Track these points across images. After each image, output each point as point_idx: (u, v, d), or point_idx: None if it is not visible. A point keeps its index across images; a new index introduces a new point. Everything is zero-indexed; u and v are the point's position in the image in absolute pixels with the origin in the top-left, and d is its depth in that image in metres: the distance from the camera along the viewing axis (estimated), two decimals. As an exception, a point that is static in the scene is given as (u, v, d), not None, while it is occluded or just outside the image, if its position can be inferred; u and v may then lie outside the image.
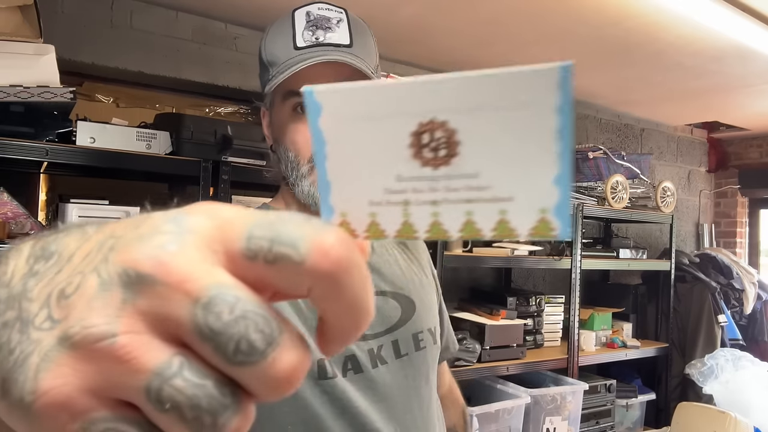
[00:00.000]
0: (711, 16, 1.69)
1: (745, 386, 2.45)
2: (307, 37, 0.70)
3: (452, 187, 0.23)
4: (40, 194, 1.67)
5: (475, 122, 0.22)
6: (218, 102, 1.99)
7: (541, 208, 0.22)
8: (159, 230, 0.19)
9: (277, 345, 0.18)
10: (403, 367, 0.74)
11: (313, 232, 0.19)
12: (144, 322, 0.18)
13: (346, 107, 0.23)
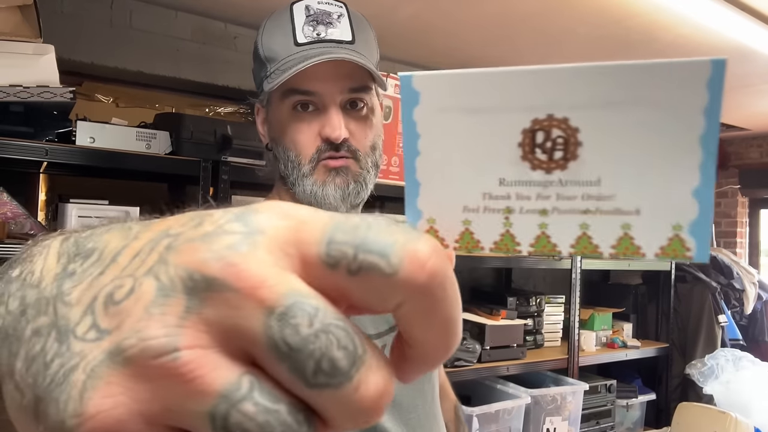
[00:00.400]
0: (711, 16, 1.69)
1: (745, 386, 2.45)
2: (308, 33, 0.67)
3: (567, 194, 0.20)
4: (39, 194, 1.67)
5: (603, 120, 0.19)
6: (218, 102, 1.99)
7: (675, 224, 0.19)
8: (225, 229, 0.16)
9: (362, 365, 0.16)
10: None
11: (405, 239, 0.16)
12: (210, 335, 0.15)
13: (449, 96, 0.20)
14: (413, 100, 0.20)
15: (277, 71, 0.67)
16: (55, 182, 1.69)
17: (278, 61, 0.67)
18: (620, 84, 0.19)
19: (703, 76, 0.18)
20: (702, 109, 0.18)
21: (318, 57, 0.64)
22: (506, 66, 0.19)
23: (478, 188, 0.21)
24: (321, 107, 0.67)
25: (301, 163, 0.68)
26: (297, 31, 0.67)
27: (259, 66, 0.71)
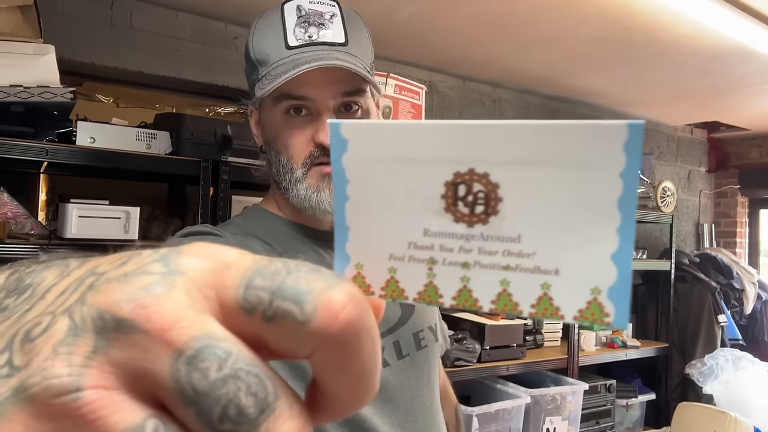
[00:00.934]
0: (712, 16, 1.69)
1: (745, 386, 2.45)
2: (300, 35, 0.65)
3: (488, 249, 0.20)
4: (40, 194, 1.67)
5: (522, 178, 0.19)
6: (218, 102, 1.99)
7: (593, 288, 0.19)
8: (145, 270, 0.16)
9: (272, 413, 0.15)
10: (405, 368, 0.72)
11: (322, 287, 0.16)
12: (116, 376, 0.15)
13: (375, 146, 0.20)
14: (342, 147, 0.21)
15: (268, 75, 0.65)
16: (55, 182, 1.69)
17: (269, 65, 0.66)
18: (540, 143, 0.19)
19: (620, 139, 0.18)
20: (619, 172, 0.18)
21: (310, 63, 0.63)
22: (503, 64, 0.20)
23: (403, 237, 0.21)
24: (314, 112, 0.67)
25: (294, 167, 0.68)
26: (288, 33, 0.65)
27: (251, 68, 0.70)
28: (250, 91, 0.71)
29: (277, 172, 0.69)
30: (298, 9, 0.66)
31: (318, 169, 0.67)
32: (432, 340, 0.77)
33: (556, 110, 2.84)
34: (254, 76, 0.68)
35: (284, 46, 0.65)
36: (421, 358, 0.75)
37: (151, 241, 1.48)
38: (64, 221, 1.26)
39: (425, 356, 0.76)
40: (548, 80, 2.51)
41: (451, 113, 2.48)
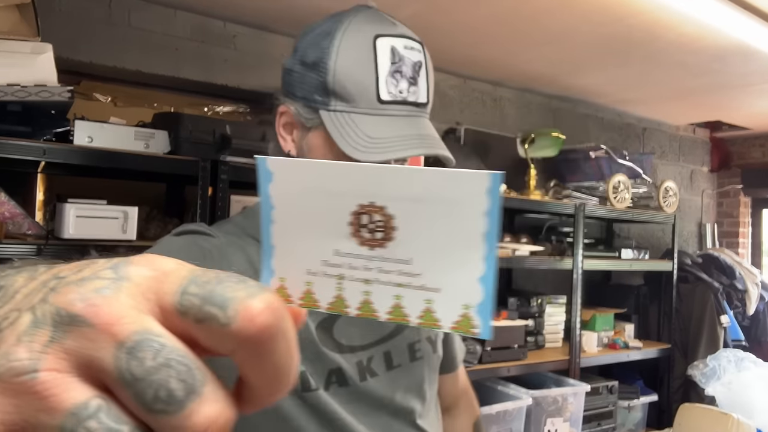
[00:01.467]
0: (714, 15, 1.68)
1: (747, 387, 2.44)
2: (392, 88, 0.62)
3: (385, 269, 0.24)
4: (37, 194, 1.66)
5: (410, 212, 0.23)
6: (217, 101, 1.99)
7: (465, 304, 0.23)
8: (98, 275, 0.19)
9: (197, 396, 0.18)
10: (395, 378, 0.71)
11: (245, 295, 0.19)
12: (68, 362, 0.18)
13: (295, 178, 0.24)
14: (268, 178, 0.25)
15: (347, 117, 0.62)
16: (53, 182, 1.68)
17: (352, 105, 0.62)
18: (423, 185, 0.23)
19: (484, 185, 0.22)
20: (484, 212, 0.22)
21: (407, 144, 0.61)
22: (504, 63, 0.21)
23: (318, 256, 0.25)
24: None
25: None
26: (381, 81, 0.61)
27: (314, 83, 0.64)
28: (294, 94, 0.67)
29: None
30: (392, 53, 0.63)
31: None
32: (429, 351, 0.76)
33: (557, 109, 2.83)
34: (320, 97, 0.64)
35: (375, 95, 0.62)
36: (414, 369, 0.74)
37: (150, 241, 1.47)
38: (61, 221, 1.25)
39: (419, 368, 0.75)
40: (549, 79, 2.50)
41: (452, 113, 2.47)
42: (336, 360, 0.67)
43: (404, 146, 0.61)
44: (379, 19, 0.65)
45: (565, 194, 2.41)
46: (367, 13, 0.65)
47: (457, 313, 0.23)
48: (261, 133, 1.53)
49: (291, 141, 0.69)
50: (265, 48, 1.99)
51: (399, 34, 0.64)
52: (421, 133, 0.63)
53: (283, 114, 0.70)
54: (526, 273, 2.69)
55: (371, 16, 0.65)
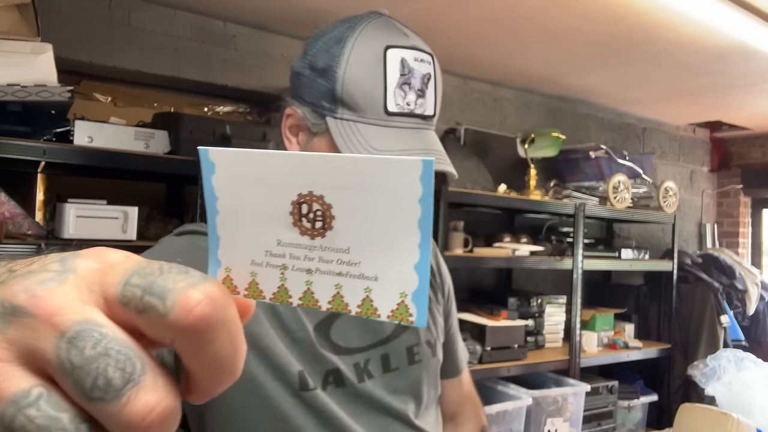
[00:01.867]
0: (714, 15, 1.68)
1: (747, 387, 2.44)
2: (399, 100, 0.62)
3: (326, 258, 0.24)
4: (37, 194, 1.66)
5: (347, 201, 0.23)
6: (217, 101, 1.99)
7: (401, 292, 0.23)
8: (45, 268, 0.20)
9: (135, 385, 0.18)
10: (392, 380, 0.72)
11: (184, 285, 0.19)
12: (11, 351, 0.19)
13: (237, 168, 0.24)
14: (210, 169, 0.24)
15: (353, 127, 0.62)
16: (53, 182, 1.68)
17: (360, 115, 0.62)
18: (357, 174, 0.23)
19: (417, 172, 0.22)
20: (417, 199, 0.22)
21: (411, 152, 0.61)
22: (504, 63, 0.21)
23: (262, 246, 0.25)
24: None
25: None
26: (389, 92, 0.61)
27: (323, 89, 0.64)
28: (301, 96, 0.66)
29: None
30: (402, 64, 0.62)
31: None
32: (428, 355, 0.76)
33: (556, 109, 2.83)
34: (329, 105, 0.64)
35: (383, 107, 0.62)
36: (412, 372, 0.74)
37: (150, 241, 1.47)
38: (61, 221, 1.25)
39: (418, 371, 0.75)
40: (549, 79, 2.50)
41: (452, 112, 2.47)
42: (333, 361, 0.67)
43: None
44: (391, 28, 0.64)
45: (565, 194, 2.41)
46: (380, 21, 0.65)
47: (394, 302, 0.23)
48: (261, 132, 1.53)
49: (296, 143, 0.69)
50: (265, 48, 1.99)
51: (410, 46, 0.63)
52: (427, 147, 0.63)
53: (290, 116, 0.69)
54: (526, 273, 2.69)
55: (383, 25, 0.64)
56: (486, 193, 2.04)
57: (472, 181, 2.01)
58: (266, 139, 1.52)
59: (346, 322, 0.71)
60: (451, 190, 1.87)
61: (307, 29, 2.24)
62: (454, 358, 0.88)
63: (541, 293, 2.32)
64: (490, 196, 2.05)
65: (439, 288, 0.86)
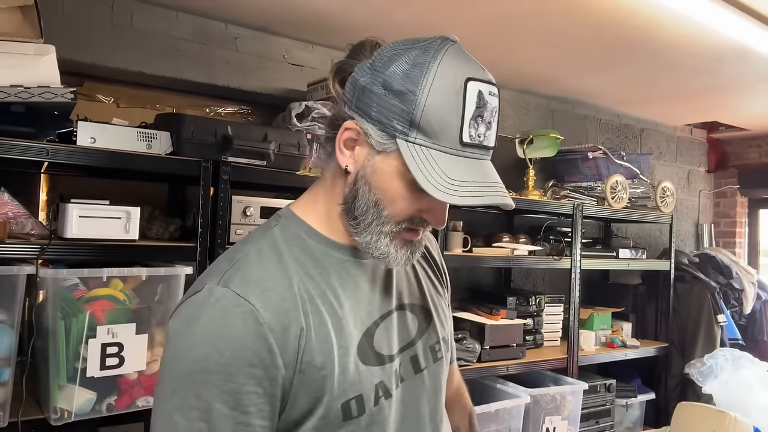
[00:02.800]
0: (710, 16, 1.69)
1: (744, 386, 2.45)
2: (473, 132, 0.64)
3: None
4: (40, 194, 1.67)
5: None
6: (218, 102, 2.00)
7: None
8: None
9: None
10: (421, 381, 0.75)
11: None
12: None
13: None
14: None
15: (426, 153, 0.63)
16: (56, 182, 1.69)
17: (434, 141, 0.63)
18: None
19: None
20: None
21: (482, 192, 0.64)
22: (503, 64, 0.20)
23: None
24: None
25: (388, 222, 0.67)
26: (465, 122, 0.63)
27: (397, 110, 0.63)
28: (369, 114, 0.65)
29: (364, 212, 0.67)
30: (479, 97, 0.64)
31: (407, 235, 0.69)
32: (445, 350, 0.80)
33: (555, 110, 2.84)
34: (402, 128, 0.63)
35: (458, 137, 0.63)
36: (436, 369, 0.78)
37: (151, 241, 1.48)
38: (64, 221, 1.26)
39: (441, 367, 0.79)
40: (547, 81, 2.51)
41: (451, 113, 2.48)
42: (378, 374, 0.70)
43: (479, 193, 0.63)
44: (468, 59, 0.66)
45: (564, 194, 2.42)
46: (456, 50, 0.65)
47: None
48: (262, 134, 1.54)
49: (350, 156, 0.68)
50: (267, 49, 2.01)
51: (487, 80, 0.65)
52: (493, 180, 0.66)
53: (349, 129, 0.67)
54: (525, 272, 2.71)
55: (461, 56, 0.65)
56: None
57: (471, 181, 2.02)
58: (267, 140, 1.53)
59: (385, 327, 0.73)
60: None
61: (308, 31, 2.26)
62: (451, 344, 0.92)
63: (540, 292, 2.34)
64: (489, 196, 2.05)
65: (444, 282, 0.89)
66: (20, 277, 1.18)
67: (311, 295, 0.66)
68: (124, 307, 1.28)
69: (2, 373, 1.17)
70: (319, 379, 0.64)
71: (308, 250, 0.70)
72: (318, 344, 0.64)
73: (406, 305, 0.76)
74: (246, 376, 0.60)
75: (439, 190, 0.61)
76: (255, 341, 0.61)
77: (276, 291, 0.64)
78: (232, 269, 0.66)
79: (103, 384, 1.25)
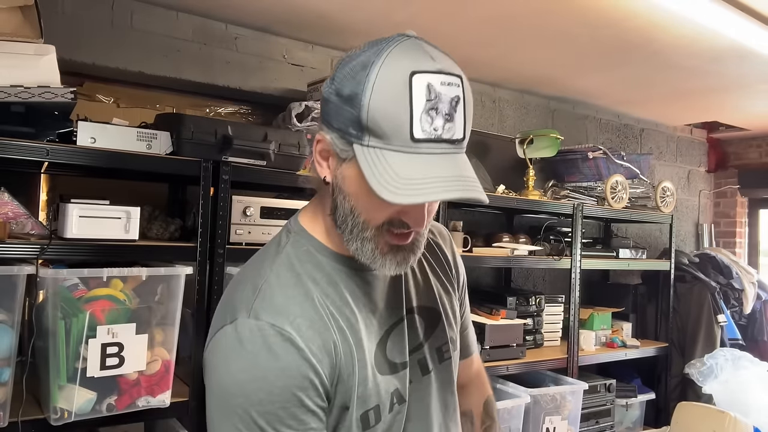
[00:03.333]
0: (709, 16, 1.69)
1: (744, 386, 2.45)
2: (426, 126, 0.60)
3: None
4: (40, 194, 1.67)
5: None
6: (218, 102, 2.00)
7: None
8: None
9: None
10: (429, 383, 0.76)
11: None
12: None
13: None
14: None
15: (379, 154, 0.61)
16: (56, 182, 1.69)
17: (384, 141, 0.61)
18: None
19: None
20: None
21: (439, 188, 0.60)
22: (503, 65, 0.20)
23: None
24: None
25: (367, 228, 0.66)
26: (415, 118, 0.59)
27: (349, 116, 0.62)
28: (330, 122, 0.65)
29: (344, 221, 0.67)
30: (428, 90, 0.60)
31: (391, 239, 0.67)
32: (452, 350, 0.81)
33: (555, 110, 2.84)
34: (356, 133, 0.62)
35: (408, 134, 0.60)
36: (444, 370, 0.79)
37: (151, 241, 1.48)
38: (64, 221, 1.26)
39: (448, 368, 0.80)
40: (547, 81, 2.51)
41: (451, 113, 2.48)
42: (393, 382, 0.71)
43: (435, 189, 0.60)
44: (417, 52, 0.62)
45: (564, 194, 2.42)
46: (407, 44, 0.63)
47: None
48: (262, 134, 1.55)
49: (326, 167, 0.68)
50: (267, 50, 2.01)
51: (436, 70, 0.62)
52: (456, 174, 0.62)
53: (320, 141, 0.68)
54: (525, 272, 2.71)
55: (410, 50, 0.62)
56: (485, 194, 2.06)
57: (471, 181, 2.03)
58: (267, 140, 1.53)
59: (396, 335, 0.74)
60: (450, 191, 1.88)
61: (308, 31, 2.26)
62: (466, 343, 0.94)
63: (540, 292, 2.34)
64: (489, 196, 2.05)
65: (455, 279, 0.89)
66: (20, 277, 1.18)
67: (331, 311, 0.68)
68: (124, 307, 1.28)
69: (2, 373, 1.17)
70: (346, 391, 0.67)
71: (320, 267, 0.71)
72: (345, 358, 0.67)
73: (415, 308, 0.77)
74: (299, 399, 0.63)
75: (389, 191, 0.59)
76: (300, 365, 0.63)
77: (304, 316, 0.66)
78: (258, 300, 0.67)
79: (103, 384, 1.25)
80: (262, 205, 1.55)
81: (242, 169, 1.50)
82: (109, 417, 1.27)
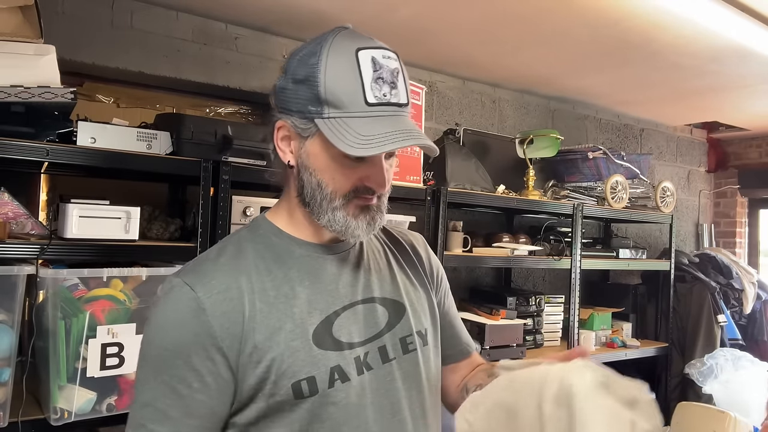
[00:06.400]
0: (709, 16, 1.69)
1: (744, 386, 2.45)
2: (377, 93, 0.70)
3: None
4: (40, 194, 1.67)
5: None
6: (218, 102, 2.00)
7: None
8: None
9: None
10: (391, 371, 0.77)
11: None
12: None
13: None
14: None
15: (342, 122, 0.69)
16: (56, 182, 1.69)
17: (344, 111, 0.69)
18: None
19: None
20: None
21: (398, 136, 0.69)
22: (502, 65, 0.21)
23: None
24: (368, 158, 0.72)
25: (335, 198, 0.73)
26: (366, 86, 0.69)
27: (307, 95, 0.71)
28: (290, 109, 0.73)
29: (312, 195, 0.74)
30: (373, 62, 0.70)
31: (358, 203, 0.74)
32: (421, 344, 0.81)
33: (555, 110, 2.84)
34: (315, 108, 0.70)
35: (363, 99, 0.69)
36: (408, 361, 0.79)
37: (151, 241, 1.48)
38: (64, 221, 1.26)
39: (414, 360, 0.80)
40: (547, 81, 2.51)
41: (451, 113, 2.49)
42: (335, 358, 0.73)
43: (393, 140, 0.69)
44: (357, 36, 0.72)
45: (564, 194, 2.42)
46: (347, 32, 0.72)
47: None
48: (262, 134, 1.55)
49: (290, 152, 0.76)
50: (266, 50, 2.01)
51: (377, 46, 0.71)
52: (407, 128, 0.71)
53: (281, 128, 0.75)
54: (525, 272, 2.71)
55: (351, 35, 0.72)
56: (485, 194, 2.06)
57: (471, 181, 2.02)
58: (267, 140, 1.53)
59: (348, 318, 0.75)
60: (450, 190, 1.88)
61: (308, 31, 2.26)
62: (459, 342, 0.95)
63: (540, 292, 2.34)
64: (489, 197, 2.06)
65: (428, 278, 0.91)
66: (20, 277, 1.18)
67: (265, 287, 0.73)
68: (124, 307, 1.28)
69: (2, 373, 1.17)
70: (265, 360, 0.69)
71: (271, 247, 0.77)
72: (265, 329, 0.70)
73: (377, 298, 0.79)
74: (187, 355, 0.68)
75: (354, 148, 0.67)
76: (195, 325, 0.68)
77: (222, 281, 0.71)
78: (192, 264, 0.75)
79: (103, 384, 1.25)
80: (262, 205, 1.55)
81: (242, 169, 1.50)
82: (109, 417, 1.27)
